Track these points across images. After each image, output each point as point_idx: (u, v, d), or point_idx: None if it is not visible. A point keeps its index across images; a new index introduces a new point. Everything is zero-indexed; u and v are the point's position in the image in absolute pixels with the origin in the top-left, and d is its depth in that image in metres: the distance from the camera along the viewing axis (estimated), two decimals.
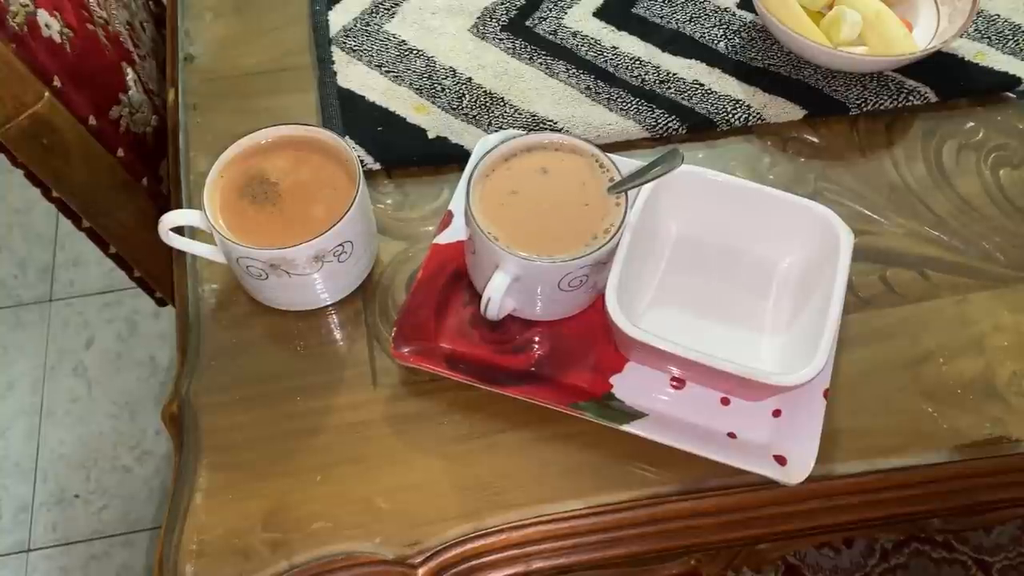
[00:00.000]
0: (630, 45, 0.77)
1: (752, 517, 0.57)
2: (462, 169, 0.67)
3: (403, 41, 0.77)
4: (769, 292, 0.62)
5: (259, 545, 0.55)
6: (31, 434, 1.41)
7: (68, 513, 1.35)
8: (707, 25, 0.78)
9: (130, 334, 1.52)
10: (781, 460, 0.55)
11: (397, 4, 0.80)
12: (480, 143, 0.67)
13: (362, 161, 0.69)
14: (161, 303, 1.06)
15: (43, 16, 0.70)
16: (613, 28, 0.78)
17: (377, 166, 0.70)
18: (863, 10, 0.73)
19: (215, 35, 0.79)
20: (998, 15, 0.78)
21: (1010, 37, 0.76)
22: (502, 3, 0.79)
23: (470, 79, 0.75)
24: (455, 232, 0.64)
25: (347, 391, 0.61)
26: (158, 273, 0.94)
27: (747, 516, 0.57)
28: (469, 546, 0.55)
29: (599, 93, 0.74)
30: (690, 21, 0.78)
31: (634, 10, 0.79)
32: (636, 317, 0.60)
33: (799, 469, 0.55)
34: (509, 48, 0.77)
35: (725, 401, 0.59)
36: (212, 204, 0.60)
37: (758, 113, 0.72)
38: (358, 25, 0.78)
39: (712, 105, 0.73)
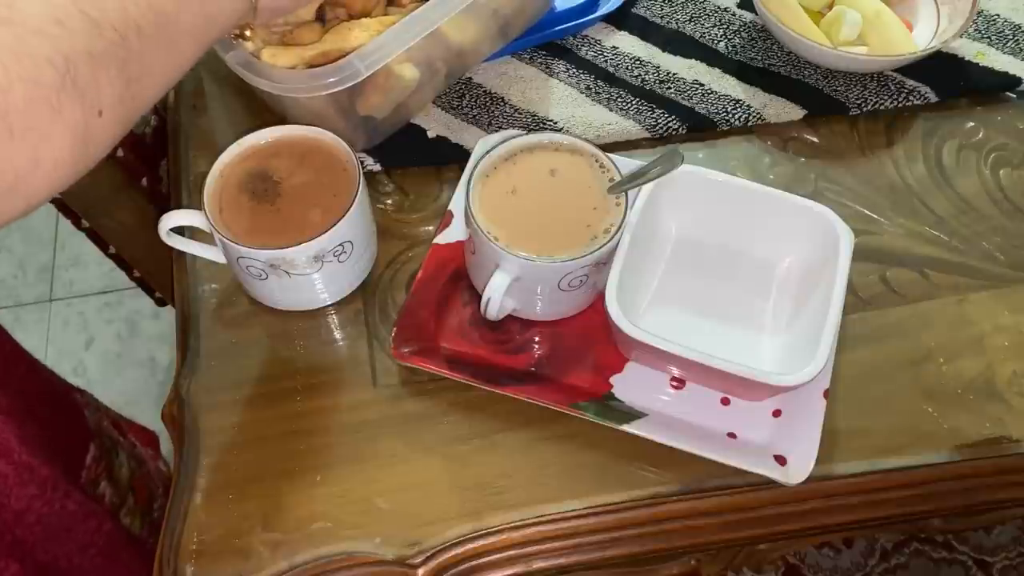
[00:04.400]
0: (630, 45, 0.77)
1: (752, 517, 0.57)
2: (462, 169, 0.66)
3: None
4: (769, 292, 0.62)
5: (259, 545, 0.55)
6: None
7: None
8: (707, 25, 0.78)
9: (130, 334, 1.52)
10: (781, 460, 0.55)
11: None
12: (480, 143, 0.67)
13: (362, 161, 0.69)
14: (161, 303, 1.06)
15: None
16: (613, 28, 0.78)
17: (377, 166, 0.70)
18: (863, 10, 0.73)
19: None
20: (998, 15, 0.78)
21: (1010, 37, 0.76)
22: None
23: (470, 79, 0.75)
24: (455, 232, 0.64)
25: (347, 391, 0.61)
26: (158, 273, 0.94)
27: (747, 516, 0.57)
28: (469, 546, 0.55)
29: (599, 93, 0.74)
30: (690, 21, 0.78)
31: (634, 10, 0.79)
32: (636, 317, 0.60)
33: (799, 469, 0.55)
34: (509, 48, 0.76)
35: (725, 401, 0.59)
36: (212, 204, 0.60)
37: (758, 113, 0.72)
38: None
39: (712, 105, 0.73)
